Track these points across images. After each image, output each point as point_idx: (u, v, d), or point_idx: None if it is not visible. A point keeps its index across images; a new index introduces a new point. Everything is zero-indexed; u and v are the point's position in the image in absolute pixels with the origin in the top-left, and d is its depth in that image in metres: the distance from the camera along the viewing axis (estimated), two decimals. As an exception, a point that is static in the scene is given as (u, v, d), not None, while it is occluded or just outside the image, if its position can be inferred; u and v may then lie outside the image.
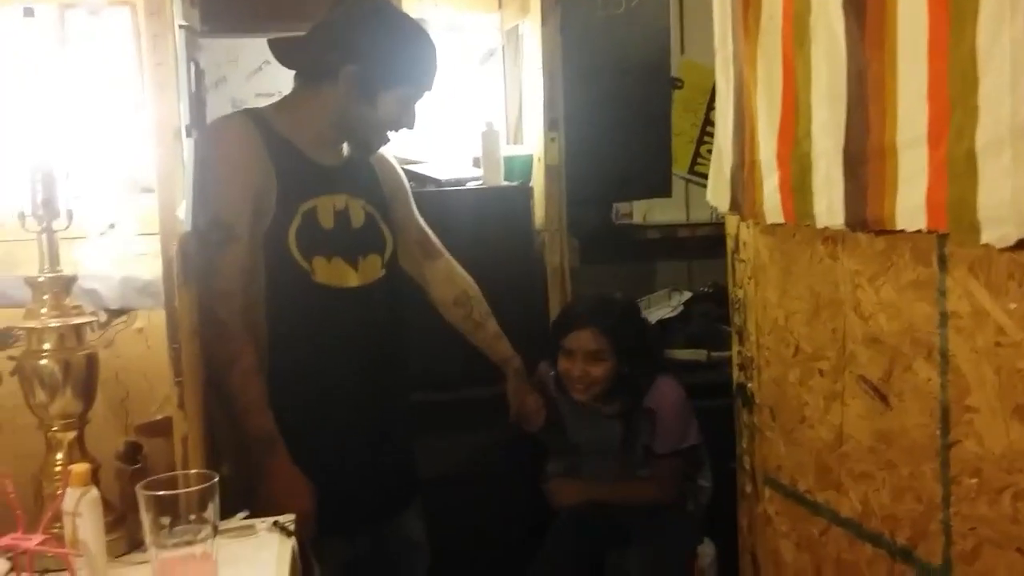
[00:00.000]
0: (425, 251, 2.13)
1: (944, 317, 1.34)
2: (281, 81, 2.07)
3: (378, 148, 1.98)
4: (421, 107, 1.93)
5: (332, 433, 1.82)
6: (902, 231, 1.35)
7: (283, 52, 1.90)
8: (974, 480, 1.32)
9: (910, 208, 1.32)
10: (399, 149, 2.84)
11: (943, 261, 1.33)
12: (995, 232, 1.18)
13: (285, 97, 1.92)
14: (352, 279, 1.86)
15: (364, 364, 1.87)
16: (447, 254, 2.17)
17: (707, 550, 2.35)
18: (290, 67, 1.92)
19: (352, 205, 1.89)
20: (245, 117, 1.86)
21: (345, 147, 1.94)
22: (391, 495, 1.96)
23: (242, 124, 1.83)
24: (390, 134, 1.93)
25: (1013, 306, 1.22)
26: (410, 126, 1.93)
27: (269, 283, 1.79)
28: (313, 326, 1.82)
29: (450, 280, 2.16)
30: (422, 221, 2.13)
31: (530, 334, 2.74)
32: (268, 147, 1.80)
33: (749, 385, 1.91)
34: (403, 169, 2.72)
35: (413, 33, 1.87)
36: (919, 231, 1.32)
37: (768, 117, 1.66)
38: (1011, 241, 1.17)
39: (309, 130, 1.86)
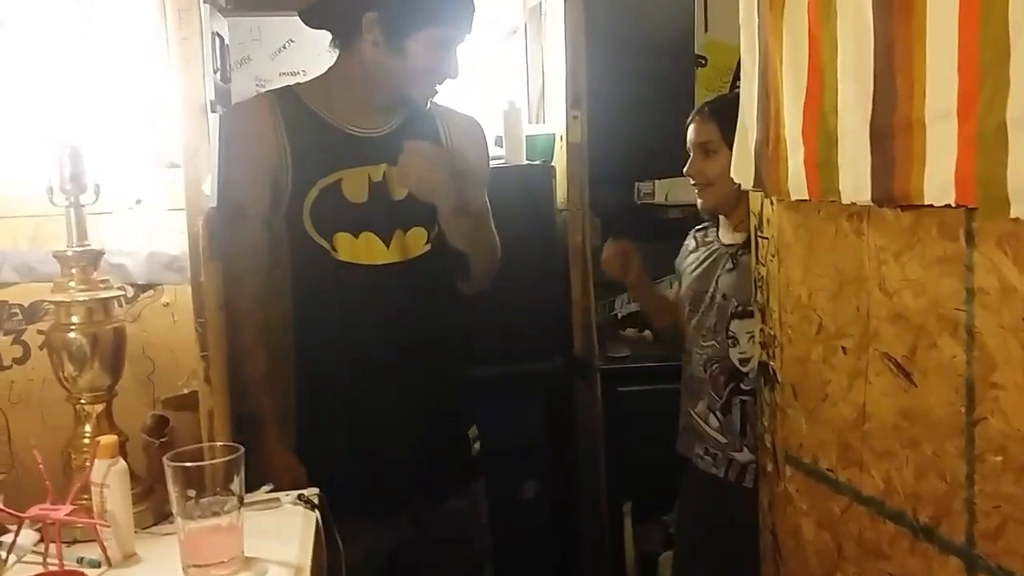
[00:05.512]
0: None
1: (970, 293, 1.33)
2: (306, 60, 2.06)
3: (424, 101, 1.88)
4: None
5: (361, 414, 1.79)
6: (929, 206, 1.34)
7: (310, 15, 1.85)
8: (999, 458, 1.30)
9: (938, 182, 1.30)
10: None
11: (970, 236, 1.32)
12: (1025, 206, 1.16)
13: (327, 69, 1.86)
14: (383, 255, 1.78)
15: (397, 344, 1.80)
16: None
17: None
18: (317, 27, 1.85)
19: (393, 175, 1.79)
20: (263, 98, 1.84)
21: (399, 112, 1.87)
22: (427, 479, 1.87)
23: (255, 106, 1.82)
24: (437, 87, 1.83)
25: (1041, 282, 1.21)
26: (453, 75, 1.81)
27: (292, 263, 1.77)
28: (337, 306, 1.78)
29: None
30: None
31: (550, 312, 2.76)
32: (287, 125, 1.77)
33: (771, 363, 1.90)
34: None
35: None
36: (946, 206, 1.31)
37: (793, 92, 1.65)
38: (1041, 215, 1.15)
39: (344, 98, 1.82)
